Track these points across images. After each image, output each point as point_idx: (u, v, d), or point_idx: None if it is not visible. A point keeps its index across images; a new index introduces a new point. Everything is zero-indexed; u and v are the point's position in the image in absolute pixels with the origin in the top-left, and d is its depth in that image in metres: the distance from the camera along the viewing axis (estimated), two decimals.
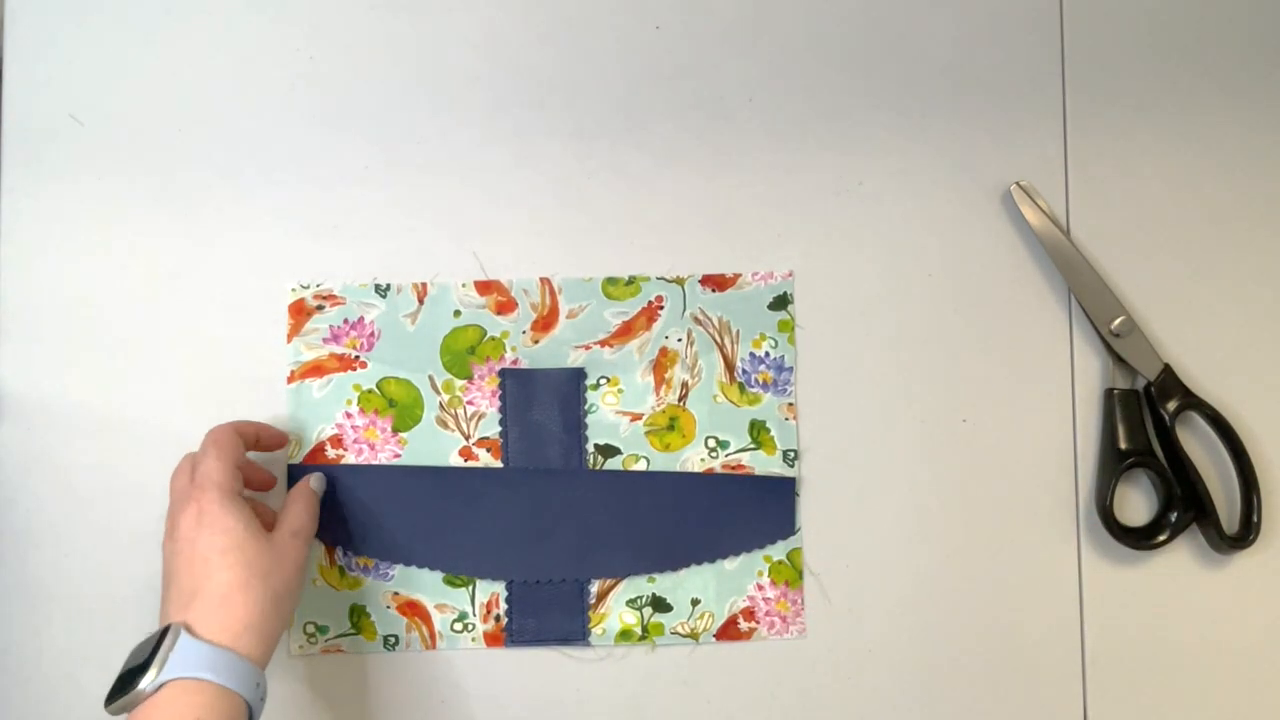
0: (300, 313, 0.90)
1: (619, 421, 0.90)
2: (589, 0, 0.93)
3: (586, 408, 0.90)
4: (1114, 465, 0.89)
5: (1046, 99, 0.93)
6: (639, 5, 0.93)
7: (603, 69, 0.93)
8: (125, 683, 0.72)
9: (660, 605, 0.89)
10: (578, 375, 0.90)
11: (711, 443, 0.90)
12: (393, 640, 0.89)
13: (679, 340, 0.90)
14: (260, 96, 0.92)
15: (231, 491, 0.79)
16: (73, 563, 0.88)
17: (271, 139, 0.91)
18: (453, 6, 0.92)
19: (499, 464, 0.89)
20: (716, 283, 0.91)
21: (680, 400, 0.90)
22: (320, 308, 0.90)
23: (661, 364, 0.90)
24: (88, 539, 0.89)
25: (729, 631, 0.89)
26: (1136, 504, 0.91)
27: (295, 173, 0.91)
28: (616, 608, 0.89)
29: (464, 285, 0.90)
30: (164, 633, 0.73)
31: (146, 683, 0.71)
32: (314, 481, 0.87)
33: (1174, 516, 0.89)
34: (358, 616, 0.88)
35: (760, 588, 0.89)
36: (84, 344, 0.90)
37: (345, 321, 0.90)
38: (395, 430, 0.89)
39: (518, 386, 0.90)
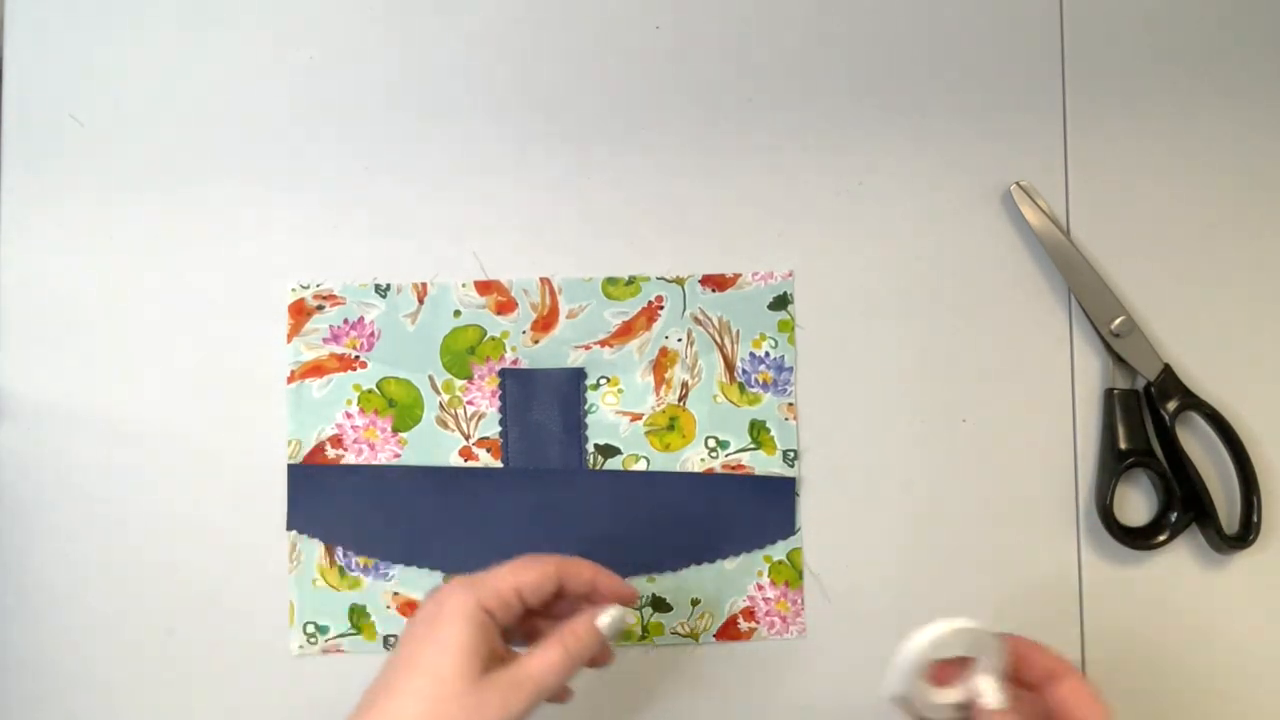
0: (300, 313, 0.90)
1: (619, 421, 0.90)
2: (589, 0, 0.93)
3: (586, 408, 0.90)
4: (1114, 465, 0.89)
5: (1046, 99, 0.93)
6: (639, 5, 0.93)
7: (603, 69, 0.93)
8: None
9: (660, 605, 0.89)
10: (578, 375, 0.90)
11: (711, 443, 0.90)
12: (393, 640, 0.88)
13: (679, 340, 0.90)
14: (260, 96, 0.92)
15: (478, 608, 0.68)
16: (73, 563, 0.88)
17: (272, 139, 0.91)
18: (453, 6, 0.92)
19: (499, 464, 0.89)
20: (716, 283, 0.91)
21: (680, 400, 0.90)
22: (320, 308, 0.90)
23: (661, 364, 0.90)
24: (88, 539, 0.88)
25: (729, 631, 0.89)
26: (1136, 504, 0.91)
27: (295, 173, 0.91)
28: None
29: (464, 285, 0.90)
30: None
31: None
32: (605, 620, 0.73)
33: (1174, 516, 0.89)
34: (358, 616, 0.88)
35: (760, 588, 0.89)
36: (84, 344, 0.90)
37: (345, 321, 0.90)
38: (395, 430, 0.89)
39: (518, 386, 0.90)
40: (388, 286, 0.90)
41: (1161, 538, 0.89)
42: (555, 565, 0.72)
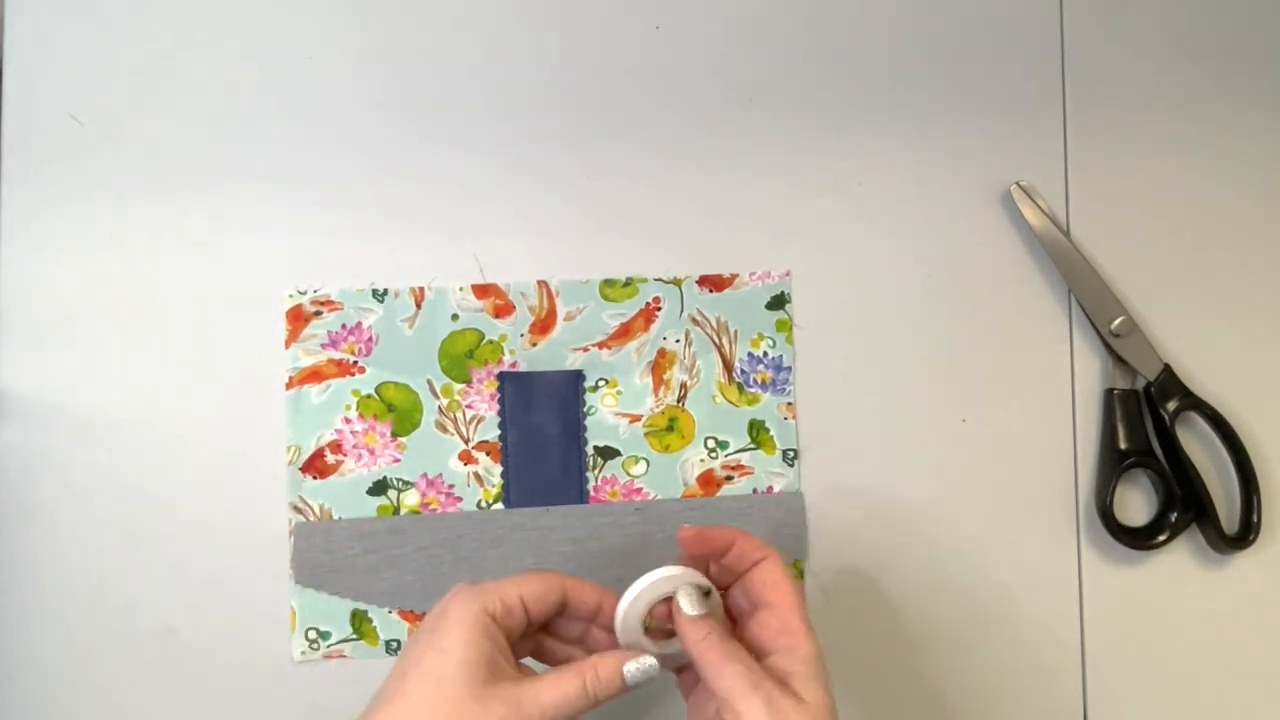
0: (298, 319, 0.90)
1: (618, 423, 0.90)
2: (589, 0, 0.92)
3: (585, 410, 0.90)
4: (1114, 465, 0.89)
5: (1046, 99, 0.92)
6: (639, 5, 0.93)
7: (603, 69, 0.92)
8: None
9: None
10: (576, 378, 0.90)
11: (711, 443, 0.90)
12: (395, 645, 0.88)
13: (677, 341, 0.90)
14: (259, 98, 0.92)
15: (483, 614, 0.67)
16: (72, 563, 0.88)
17: (270, 140, 0.91)
18: (451, 7, 0.92)
19: (499, 467, 0.90)
20: (714, 283, 0.91)
21: (679, 401, 0.90)
22: (318, 313, 0.90)
23: (660, 365, 0.90)
24: (88, 540, 0.89)
25: None
26: (1136, 504, 0.91)
27: (293, 175, 0.91)
28: None
29: (461, 289, 0.90)
30: None
31: None
32: (633, 667, 0.69)
33: (1174, 516, 0.89)
34: (359, 622, 0.88)
35: None
36: (84, 344, 0.90)
37: (343, 327, 0.89)
38: (394, 435, 0.89)
39: (516, 389, 0.90)
40: (385, 291, 0.90)
41: (1161, 538, 0.89)
42: (561, 580, 0.71)
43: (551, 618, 0.72)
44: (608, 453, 0.90)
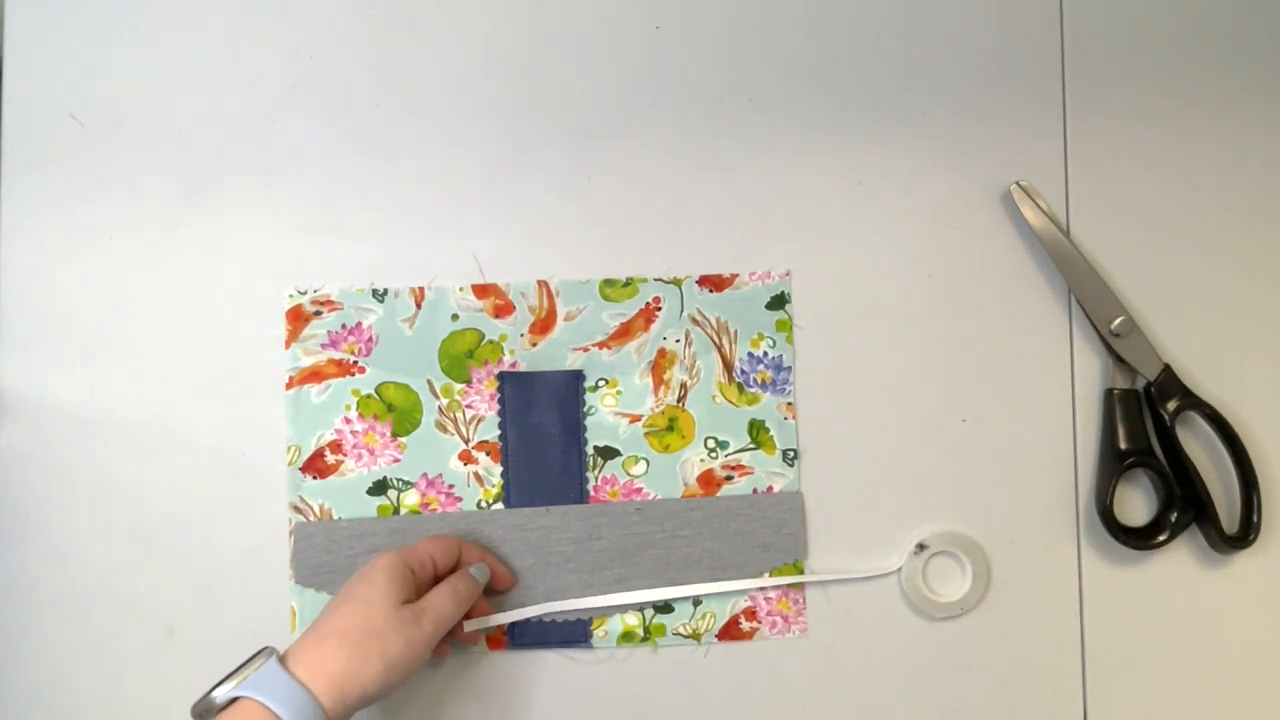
0: (298, 319, 0.90)
1: (618, 423, 0.90)
2: (589, 0, 0.92)
3: (585, 410, 0.90)
4: (1114, 465, 0.89)
5: (1046, 99, 0.92)
6: (639, 5, 0.93)
7: (603, 69, 0.92)
8: (210, 690, 0.75)
9: (662, 606, 0.89)
10: (576, 377, 0.90)
11: (711, 443, 0.90)
12: None
13: (677, 341, 0.90)
14: (260, 98, 0.92)
15: (401, 562, 0.82)
16: (71, 562, 0.88)
17: (270, 140, 0.91)
18: (452, 7, 0.92)
19: (499, 467, 0.90)
20: (714, 283, 0.91)
21: (679, 401, 0.90)
22: (318, 313, 0.90)
23: (660, 365, 0.90)
24: (87, 539, 0.89)
25: (731, 632, 0.90)
26: (1136, 504, 0.91)
27: (294, 175, 0.91)
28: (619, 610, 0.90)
29: (461, 289, 0.90)
30: (260, 651, 0.77)
31: (221, 693, 0.74)
32: (475, 569, 0.87)
33: (1174, 516, 0.89)
34: None
35: (762, 588, 0.89)
36: (84, 344, 0.90)
37: (343, 327, 0.90)
38: (394, 435, 0.89)
39: (516, 389, 0.90)
40: (385, 291, 0.90)
41: (1161, 538, 0.89)
42: (459, 543, 0.87)
43: (449, 571, 0.88)
44: (608, 453, 0.90)
